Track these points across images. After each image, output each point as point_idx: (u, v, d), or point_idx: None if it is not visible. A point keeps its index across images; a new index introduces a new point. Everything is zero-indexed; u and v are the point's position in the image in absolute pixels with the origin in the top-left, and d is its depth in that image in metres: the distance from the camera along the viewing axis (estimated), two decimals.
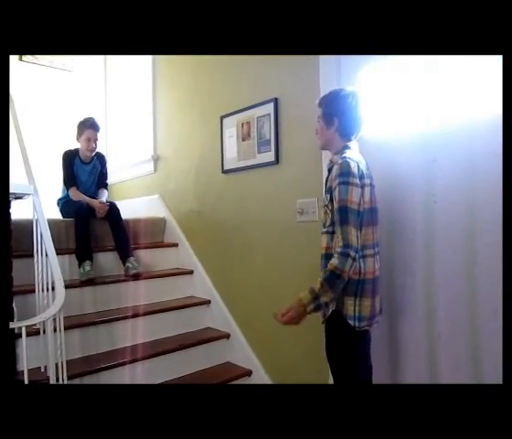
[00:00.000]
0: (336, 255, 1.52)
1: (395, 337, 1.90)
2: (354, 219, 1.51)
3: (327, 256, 1.59)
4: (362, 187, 1.56)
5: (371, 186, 1.63)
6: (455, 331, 1.69)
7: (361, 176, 1.56)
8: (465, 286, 1.66)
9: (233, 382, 2.51)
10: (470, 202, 1.64)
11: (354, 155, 1.61)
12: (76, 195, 3.02)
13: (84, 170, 3.15)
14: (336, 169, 1.57)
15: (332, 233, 1.61)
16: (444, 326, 1.73)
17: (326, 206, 1.63)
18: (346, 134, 1.67)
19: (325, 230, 1.65)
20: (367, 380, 1.69)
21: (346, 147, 1.65)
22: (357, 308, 1.56)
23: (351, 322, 1.56)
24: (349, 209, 1.51)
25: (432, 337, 1.77)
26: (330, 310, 1.60)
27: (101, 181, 3.23)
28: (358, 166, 1.57)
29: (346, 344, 1.60)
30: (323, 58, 2.13)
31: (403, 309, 1.86)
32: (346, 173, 1.53)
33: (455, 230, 1.69)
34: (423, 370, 1.80)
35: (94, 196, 3.11)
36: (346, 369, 1.62)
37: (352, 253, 1.49)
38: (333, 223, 1.59)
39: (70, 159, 3.10)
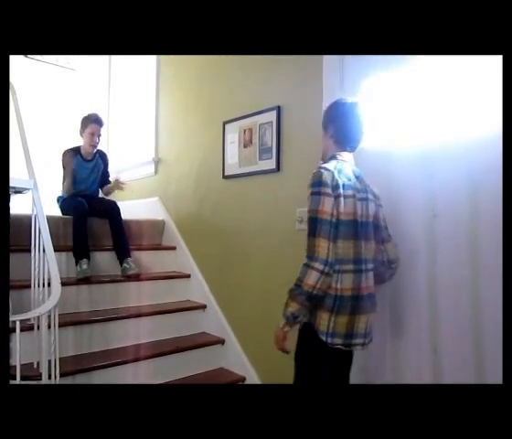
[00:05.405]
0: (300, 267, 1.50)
1: (397, 348, 1.89)
2: (325, 229, 1.45)
3: None
4: (337, 197, 1.48)
5: (356, 198, 1.54)
6: (457, 344, 1.69)
7: (336, 187, 1.49)
8: (467, 300, 1.66)
9: None
10: (470, 216, 1.64)
11: (334, 165, 1.55)
12: None
13: (85, 168, 3.14)
14: (309, 179, 1.53)
15: None
16: (446, 339, 1.73)
17: None
18: (340, 143, 1.63)
19: None
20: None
21: (333, 157, 1.60)
22: (331, 324, 1.49)
23: (323, 337, 1.50)
24: (319, 220, 1.46)
25: (433, 349, 1.76)
26: (302, 321, 1.54)
27: (103, 180, 3.25)
28: (333, 176, 1.50)
29: (314, 358, 1.55)
30: (326, 67, 2.14)
31: (404, 323, 1.86)
32: (317, 183, 1.49)
33: (455, 244, 1.69)
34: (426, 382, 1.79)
35: (95, 194, 3.11)
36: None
37: (317, 265, 1.43)
38: None
39: (70, 157, 3.09)
